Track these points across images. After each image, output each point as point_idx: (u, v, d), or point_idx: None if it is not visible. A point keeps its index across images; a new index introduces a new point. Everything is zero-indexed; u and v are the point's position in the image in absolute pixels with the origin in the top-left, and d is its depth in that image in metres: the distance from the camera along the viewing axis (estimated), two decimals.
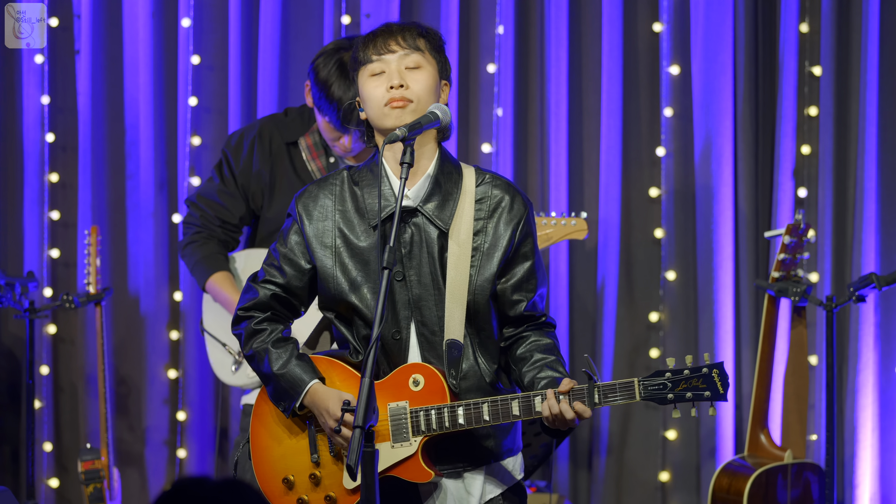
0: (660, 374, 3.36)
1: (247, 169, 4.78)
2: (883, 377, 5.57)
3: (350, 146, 4.65)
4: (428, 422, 3.41)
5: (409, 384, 3.45)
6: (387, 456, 3.44)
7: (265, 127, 4.80)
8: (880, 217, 5.57)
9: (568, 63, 5.85)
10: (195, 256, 4.81)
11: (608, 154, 5.85)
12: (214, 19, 6.05)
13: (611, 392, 3.34)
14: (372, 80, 3.48)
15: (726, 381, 3.32)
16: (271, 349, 3.54)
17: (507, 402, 3.38)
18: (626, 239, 5.90)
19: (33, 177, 6.10)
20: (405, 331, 3.49)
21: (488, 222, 3.50)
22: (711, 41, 5.75)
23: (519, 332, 3.55)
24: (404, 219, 3.49)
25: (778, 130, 5.71)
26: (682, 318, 5.84)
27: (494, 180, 3.54)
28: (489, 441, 3.51)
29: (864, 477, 5.57)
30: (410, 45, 3.47)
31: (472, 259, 3.48)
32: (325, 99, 4.58)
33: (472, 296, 3.47)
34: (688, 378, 3.34)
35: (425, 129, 3.40)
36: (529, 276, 3.53)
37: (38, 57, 6.07)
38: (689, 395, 3.33)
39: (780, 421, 5.39)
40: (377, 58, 3.47)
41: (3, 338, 6.17)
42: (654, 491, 5.88)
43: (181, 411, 6.09)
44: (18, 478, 6.08)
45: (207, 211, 4.81)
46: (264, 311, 3.58)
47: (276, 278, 3.57)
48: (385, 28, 3.51)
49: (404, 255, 3.48)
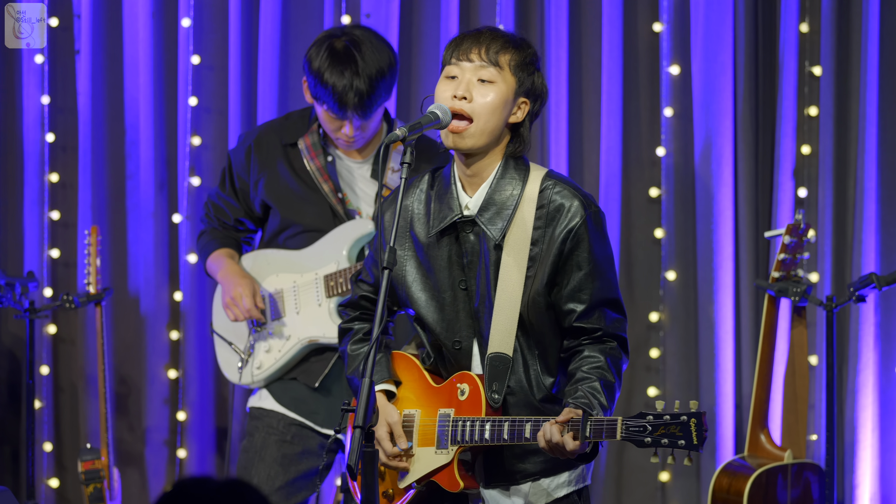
0: (642, 417, 3.25)
1: (244, 174, 4.79)
2: (883, 377, 5.57)
3: (352, 134, 4.61)
4: (463, 432, 3.40)
5: (458, 393, 3.45)
6: (430, 461, 3.44)
7: (263, 133, 4.81)
8: (880, 217, 5.57)
9: (568, 63, 5.85)
10: (201, 243, 4.90)
11: (608, 154, 5.85)
12: (214, 19, 6.04)
13: (598, 428, 3.26)
14: (445, 81, 3.45)
15: (702, 433, 3.22)
16: (350, 351, 3.62)
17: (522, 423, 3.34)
18: (626, 239, 5.90)
19: (33, 177, 6.10)
20: (466, 341, 3.47)
21: (546, 231, 3.43)
22: (711, 41, 5.74)
23: (575, 345, 3.47)
24: (465, 228, 3.45)
25: (778, 130, 5.71)
26: (682, 318, 5.84)
27: (557, 186, 3.46)
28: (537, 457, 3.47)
29: (864, 477, 5.57)
30: (489, 59, 3.41)
31: (528, 269, 3.42)
32: (320, 86, 4.56)
33: (526, 307, 3.42)
34: (666, 424, 3.23)
35: (425, 129, 3.39)
36: (583, 286, 3.43)
37: (38, 57, 6.07)
38: (665, 442, 3.23)
39: (780, 421, 5.39)
40: (455, 62, 3.43)
41: (3, 338, 6.17)
42: (654, 491, 5.88)
43: (181, 411, 6.08)
44: (18, 478, 6.08)
45: (212, 210, 4.89)
46: (355, 309, 3.65)
47: (366, 279, 3.64)
48: (475, 33, 3.46)
49: (466, 265, 3.45)
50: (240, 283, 4.71)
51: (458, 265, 3.45)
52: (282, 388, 4.74)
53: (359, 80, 4.53)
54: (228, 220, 4.84)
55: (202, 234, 4.92)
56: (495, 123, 3.43)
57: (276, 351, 4.71)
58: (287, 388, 4.73)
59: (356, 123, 4.59)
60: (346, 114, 4.56)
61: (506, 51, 3.43)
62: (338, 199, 4.69)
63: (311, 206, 4.70)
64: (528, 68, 3.46)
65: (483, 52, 3.41)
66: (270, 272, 4.77)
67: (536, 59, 3.50)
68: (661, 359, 5.86)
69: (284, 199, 4.73)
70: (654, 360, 5.87)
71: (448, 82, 3.43)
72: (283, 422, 4.70)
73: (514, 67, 3.43)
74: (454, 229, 3.45)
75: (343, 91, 4.52)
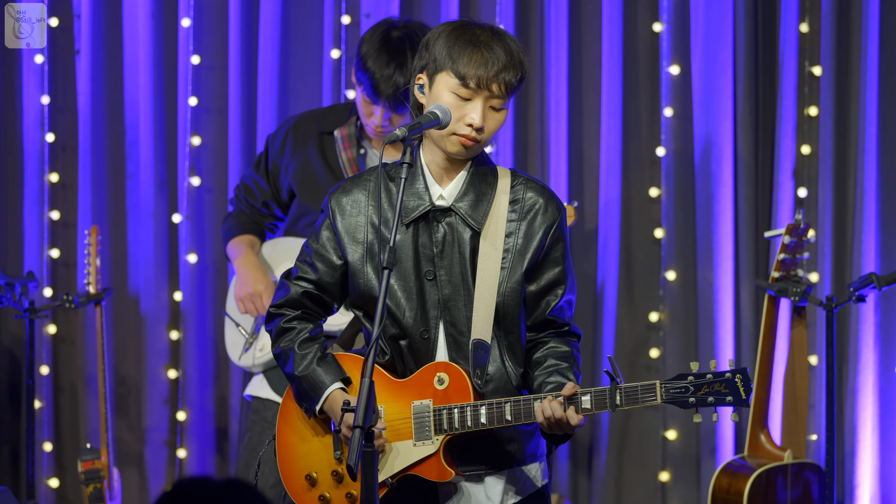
0: (682, 378, 3.29)
1: (278, 159, 4.86)
2: (883, 377, 5.57)
3: (380, 123, 4.66)
4: (451, 420, 3.40)
5: (434, 382, 3.44)
6: (409, 454, 3.43)
7: (303, 119, 4.88)
8: (880, 217, 5.57)
9: (568, 63, 5.85)
10: (227, 225, 4.96)
11: (608, 154, 5.85)
12: (214, 19, 6.05)
13: (632, 394, 3.30)
14: (454, 97, 3.40)
15: (749, 387, 3.27)
16: (296, 350, 3.53)
17: (528, 402, 3.36)
18: (626, 239, 5.90)
19: (33, 177, 6.10)
20: (433, 330, 3.47)
21: (521, 224, 3.48)
22: (711, 41, 5.75)
23: (540, 336, 3.53)
24: (437, 218, 3.47)
25: (778, 130, 5.71)
26: (682, 318, 5.84)
27: (528, 183, 3.52)
28: (512, 445, 3.50)
29: (864, 477, 5.57)
30: (505, 93, 3.41)
31: (503, 261, 3.46)
32: (361, 69, 4.63)
33: (502, 297, 3.45)
34: (710, 382, 3.27)
35: (425, 129, 3.40)
36: (557, 282, 3.50)
37: (38, 57, 6.07)
38: (712, 400, 3.27)
39: (780, 421, 5.39)
40: (472, 90, 3.39)
41: (3, 338, 6.17)
42: (654, 491, 5.88)
43: (181, 411, 6.09)
44: (18, 478, 6.08)
45: (241, 191, 4.96)
46: (295, 308, 3.57)
47: (308, 275, 3.56)
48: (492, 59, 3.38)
49: (436, 255, 3.46)
50: (260, 280, 4.77)
51: (425, 256, 3.46)
52: (279, 376, 4.78)
53: (399, 74, 4.59)
54: (256, 201, 4.90)
55: (229, 215, 4.98)
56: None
57: None
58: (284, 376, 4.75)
59: (386, 115, 4.63)
60: (378, 101, 4.61)
61: (518, 80, 3.44)
62: None
63: None
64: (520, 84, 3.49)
65: (502, 87, 3.41)
66: (286, 259, 4.83)
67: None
68: (661, 359, 5.86)
69: (308, 185, 4.77)
70: (654, 360, 5.87)
71: (458, 101, 3.41)
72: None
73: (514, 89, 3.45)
74: (424, 219, 3.45)
75: (382, 79, 4.58)
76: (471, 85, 3.39)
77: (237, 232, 4.91)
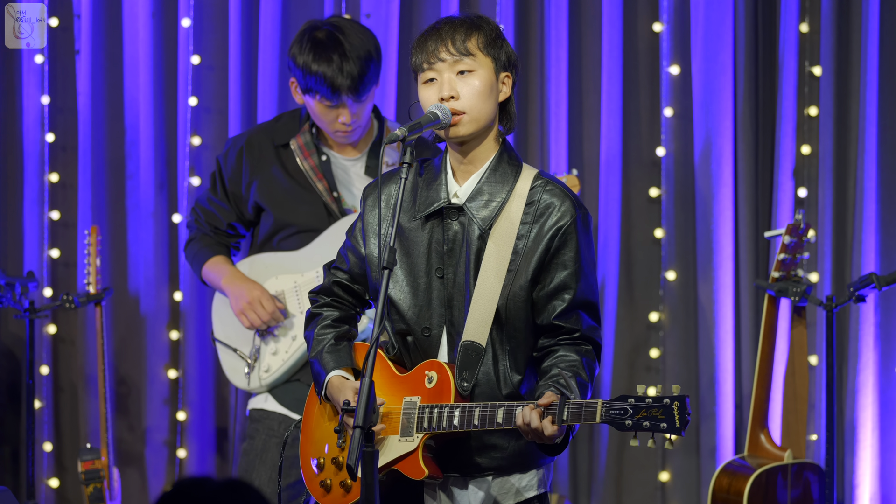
0: (623, 399, 3.22)
1: (236, 178, 4.78)
2: (883, 377, 5.57)
3: (349, 121, 4.60)
4: (430, 419, 3.38)
5: (425, 380, 3.45)
6: (393, 449, 3.43)
7: (254, 135, 4.81)
8: (880, 217, 5.57)
9: (568, 63, 5.85)
10: (193, 250, 4.86)
11: (608, 154, 5.85)
12: (214, 19, 6.05)
13: (577, 411, 3.24)
14: (426, 87, 3.45)
15: (685, 416, 3.18)
16: (315, 334, 3.58)
17: (495, 408, 3.32)
18: (626, 239, 5.90)
19: (33, 177, 6.10)
20: (437, 328, 3.46)
21: (533, 227, 3.44)
22: (711, 41, 5.75)
23: (551, 344, 3.46)
24: (451, 216, 3.46)
25: (778, 130, 5.71)
26: (682, 318, 5.84)
27: (549, 185, 3.47)
28: (499, 452, 3.47)
29: (864, 477, 5.57)
30: (460, 51, 3.41)
31: (510, 263, 3.43)
32: (310, 77, 4.56)
33: (505, 300, 3.42)
34: (648, 407, 3.19)
35: (425, 129, 3.39)
36: (565, 286, 3.44)
37: (38, 57, 6.07)
38: (646, 425, 3.20)
39: (780, 421, 5.39)
40: (428, 66, 3.43)
41: (3, 338, 6.17)
42: (654, 491, 5.88)
43: (181, 411, 6.09)
44: (18, 478, 6.08)
45: (201, 216, 4.86)
46: (327, 295, 3.63)
47: (341, 265, 3.61)
48: (434, 32, 3.44)
49: (445, 253, 3.46)
50: (254, 288, 4.69)
51: (437, 252, 3.46)
52: (283, 390, 4.73)
53: (348, 63, 4.54)
54: (221, 224, 4.82)
55: (191, 240, 4.88)
56: (489, 108, 3.44)
57: (283, 353, 4.70)
58: (289, 389, 4.72)
59: (352, 109, 4.58)
60: (340, 98, 4.55)
61: (470, 36, 3.43)
62: (332, 197, 4.69)
63: (305, 205, 4.71)
64: (496, 43, 3.46)
65: (451, 46, 3.41)
66: (269, 275, 4.75)
67: (500, 33, 3.50)
68: (661, 359, 5.86)
69: (278, 201, 4.72)
70: (654, 360, 5.87)
71: (429, 86, 3.44)
72: (283, 423, 4.70)
73: (484, 48, 3.43)
74: (439, 216, 3.45)
75: (334, 75, 4.53)
76: (424, 66, 3.43)
77: (209, 254, 4.81)
